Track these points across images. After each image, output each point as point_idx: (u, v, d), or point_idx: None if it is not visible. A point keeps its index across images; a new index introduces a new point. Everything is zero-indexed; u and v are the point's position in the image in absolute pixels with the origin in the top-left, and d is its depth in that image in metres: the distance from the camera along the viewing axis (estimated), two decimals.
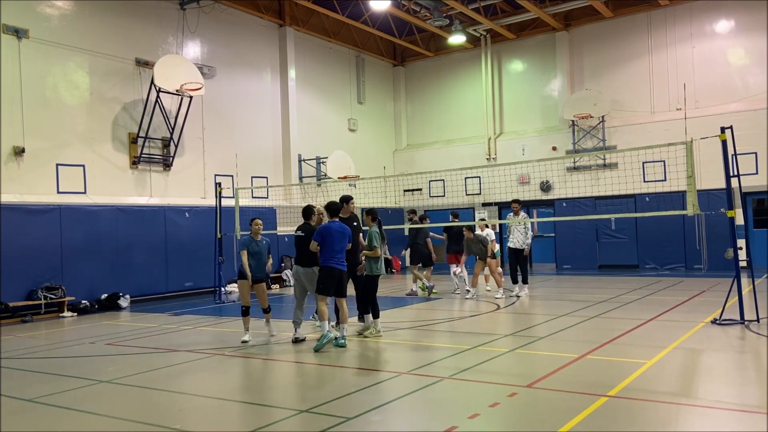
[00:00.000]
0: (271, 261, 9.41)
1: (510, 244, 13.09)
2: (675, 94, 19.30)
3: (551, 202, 21.36)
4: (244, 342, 8.80)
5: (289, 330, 9.18)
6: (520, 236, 12.92)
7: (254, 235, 9.25)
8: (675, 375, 6.38)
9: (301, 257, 8.86)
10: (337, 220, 8.74)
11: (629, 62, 20.46)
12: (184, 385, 6.55)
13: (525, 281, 13.19)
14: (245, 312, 9.13)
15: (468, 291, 13.28)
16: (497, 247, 14.63)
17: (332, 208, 8.87)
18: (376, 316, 9.20)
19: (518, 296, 12.92)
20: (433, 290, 14.08)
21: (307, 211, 9.20)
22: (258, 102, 19.30)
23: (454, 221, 14.52)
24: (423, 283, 14.09)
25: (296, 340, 8.78)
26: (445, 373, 6.67)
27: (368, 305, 9.27)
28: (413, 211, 15.98)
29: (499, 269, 15.10)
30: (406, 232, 15.21)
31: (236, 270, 11.03)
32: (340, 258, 8.53)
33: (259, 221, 9.42)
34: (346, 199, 9.62)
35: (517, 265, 13.14)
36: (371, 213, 9.48)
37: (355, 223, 9.49)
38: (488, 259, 13.22)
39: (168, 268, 15.53)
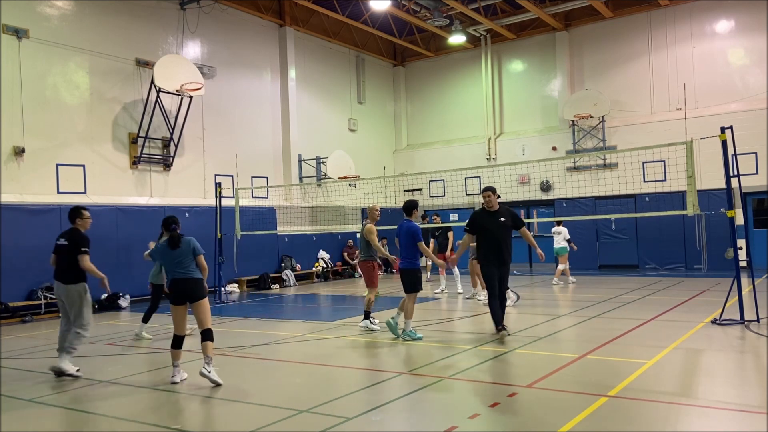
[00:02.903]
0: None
1: None
2: (675, 94, 19.30)
3: (551, 202, 21.36)
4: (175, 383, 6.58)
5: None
6: None
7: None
8: (675, 375, 6.38)
9: (60, 271, 7.32)
10: (409, 219, 8.97)
11: (629, 62, 20.46)
12: (184, 385, 6.55)
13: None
14: (178, 342, 6.79)
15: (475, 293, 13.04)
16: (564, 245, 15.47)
17: (404, 206, 9.09)
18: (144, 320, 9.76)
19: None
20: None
21: (73, 213, 7.79)
22: (258, 102, 19.30)
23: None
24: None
25: (60, 373, 6.98)
26: (445, 373, 6.67)
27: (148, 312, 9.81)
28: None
29: (561, 266, 15.58)
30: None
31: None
32: (404, 255, 8.85)
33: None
34: (487, 190, 8.66)
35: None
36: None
37: (502, 219, 8.55)
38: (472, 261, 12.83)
39: None
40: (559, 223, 15.83)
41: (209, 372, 6.38)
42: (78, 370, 7.08)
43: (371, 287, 9.70)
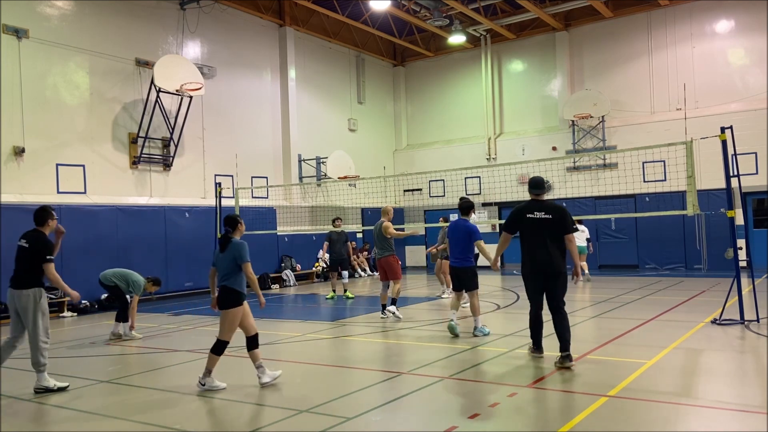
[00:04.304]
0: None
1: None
2: (675, 94, 19.30)
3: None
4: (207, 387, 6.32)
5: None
6: None
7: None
8: (675, 375, 6.38)
9: (14, 275, 6.68)
10: (465, 218, 9.10)
11: (629, 62, 20.46)
12: (184, 385, 6.55)
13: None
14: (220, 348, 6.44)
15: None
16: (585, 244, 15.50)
17: (461, 206, 9.25)
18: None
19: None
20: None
21: (42, 214, 7.12)
22: (258, 102, 19.30)
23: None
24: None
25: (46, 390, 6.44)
26: (445, 373, 6.67)
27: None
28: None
29: (583, 264, 15.27)
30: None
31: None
32: (457, 254, 8.87)
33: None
34: (535, 184, 7.10)
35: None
36: None
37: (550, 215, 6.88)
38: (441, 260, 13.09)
39: (168, 268, 15.51)
40: (579, 222, 15.86)
41: (204, 385, 6.23)
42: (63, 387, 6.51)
43: (397, 279, 10.70)
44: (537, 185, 7.07)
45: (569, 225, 6.88)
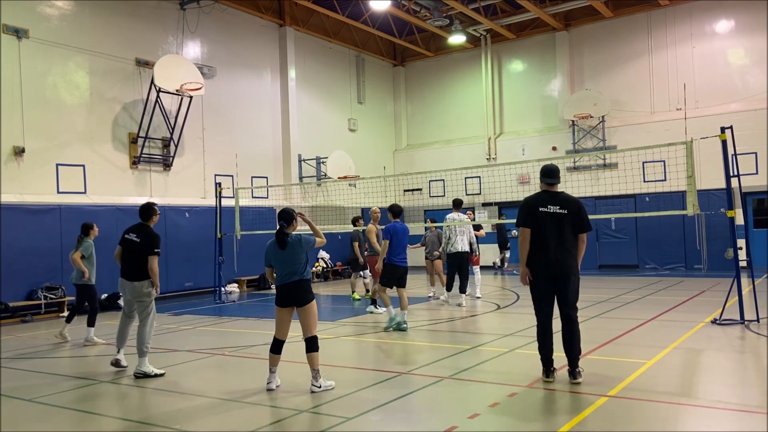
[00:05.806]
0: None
1: (454, 248, 12.00)
2: (675, 94, 19.30)
3: None
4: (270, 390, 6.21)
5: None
6: (465, 238, 12.16)
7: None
8: (675, 375, 6.38)
9: (127, 268, 7.37)
10: (398, 220, 9.76)
11: (629, 62, 20.46)
12: (184, 385, 6.55)
13: (464, 290, 12.26)
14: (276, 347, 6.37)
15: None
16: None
17: (395, 210, 9.81)
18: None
19: (460, 305, 11.94)
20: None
21: (148, 211, 7.72)
22: (258, 102, 19.30)
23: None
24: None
25: (117, 363, 7.37)
26: (445, 373, 6.67)
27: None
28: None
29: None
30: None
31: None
32: (402, 256, 9.68)
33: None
34: (548, 172, 6.25)
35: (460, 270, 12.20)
36: None
37: None
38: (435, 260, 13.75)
39: (168, 268, 15.48)
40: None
41: (320, 387, 6.00)
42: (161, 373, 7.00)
43: (377, 278, 11.06)
44: (550, 173, 6.19)
45: (587, 221, 6.12)
